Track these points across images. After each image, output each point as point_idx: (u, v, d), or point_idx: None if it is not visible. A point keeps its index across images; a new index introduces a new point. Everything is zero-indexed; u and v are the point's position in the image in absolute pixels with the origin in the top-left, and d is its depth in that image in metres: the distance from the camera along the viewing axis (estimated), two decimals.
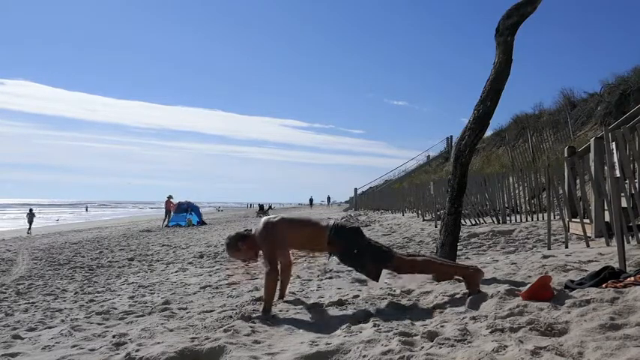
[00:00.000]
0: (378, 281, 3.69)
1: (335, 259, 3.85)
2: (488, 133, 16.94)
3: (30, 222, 22.66)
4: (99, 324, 3.92)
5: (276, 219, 3.78)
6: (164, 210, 23.37)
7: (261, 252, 3.74)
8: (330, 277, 5.22)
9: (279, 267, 3.67)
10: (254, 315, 3.42)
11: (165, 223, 22.06)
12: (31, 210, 24.14)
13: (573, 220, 6.74)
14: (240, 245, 3.78)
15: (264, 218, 3.84)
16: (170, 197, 23.54)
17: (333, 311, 3.55)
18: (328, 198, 62.11)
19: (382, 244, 3.81)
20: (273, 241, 3.66)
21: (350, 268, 4.38)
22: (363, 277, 4.22)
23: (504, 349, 2.20)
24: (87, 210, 70.60)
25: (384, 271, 3.76)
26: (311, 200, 58.28)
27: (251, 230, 3.84)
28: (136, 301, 4.98)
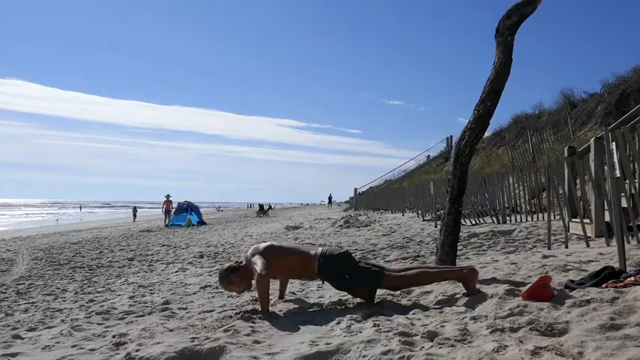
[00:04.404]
0: (373, 302, 3.66)
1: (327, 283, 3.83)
2: (488, 133, 16.95)
3: (134, 215, 32.55)
4: (99, 324, 3.92)
5: (264, 245, 3.78)
6: (163, 210, 23.34)
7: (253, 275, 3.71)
8: None
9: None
10: (254, 315, 3.42)
11: (166, 222, 22.06)
12: (135, 207, 35.48)
13: (573, 220, 6.74)
14: (233, 278, 3.75)
15: (253, 246, 3.84)
16: (168, 196, 23.51)
17: (333, 311, 3.55)
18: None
19: (373, 264, 3.81)
20: (263, 255, 3.63)
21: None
22: None
23: (504, 349, 2.20)
24: (81, 209, 70.52)
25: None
26: (330, 198, 55.74)
27: (242, 262, 3.82)
28: (136, 301, 4.98)
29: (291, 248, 3.95)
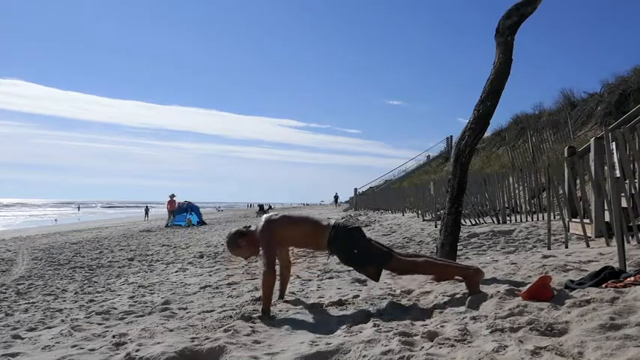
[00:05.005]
0: (377, 281, 3.69)
1: (335, 258, 3.84)
2: (488, 133, 16.95)
3: (146, 213, 34.09)
4: (99, 324, 3.92)
5: (277, 216, 3.79)
6: (167, 210, 23.30)
7: (260, 251, 3.73)
8: (330, 277, 5.21)
9: (276, 267, 3.67)
10: (254, 315, 3.42)
11: (167, 222, 22.05)
12: (147, 206, 36.99)
13: (573, 220, 6.74)
14: (241, 242, 3.77)
15: (266, 215, 3.84)
16: (173, 196, 23.45)
17: (333, 311, 3.55)
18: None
19: (383, 245, 3.80)
20: (273, 237, 3.65)
21: (350, 268, 4.37)
22: (363, 277, 4.22)
23: (504, 349, 2.20)
24: (79, 209, 70.43)
25: (385, 272, 3.76)
26: (336, 198, 53.56)
27: (250, 227, 3.84)
28: (136, 301, 4.98)
29: (303, 218, 3.93)
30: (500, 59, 4.36)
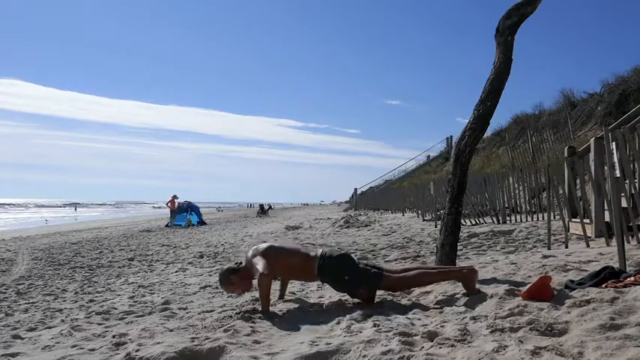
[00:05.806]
0: (373, 303, 3.68)
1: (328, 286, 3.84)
2: (488, 133, 16.96)
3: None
4: (99, 324, 3.92)
5: (263, 247, 3.79)
6: (168, 209, 23.30)
7: (254, 283, 3.72)
8: None
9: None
10: (254, 315, 3.43)
11: (168, 222, 22.04)
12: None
13: (573, 220, 6.74)
14: (233, 279, 3.77)
15: (252, 247, 3.86)
16: (175, 197, 23.44)
17: (333, 311, 3.55)
18: None
19: (373, 265, 3.82)
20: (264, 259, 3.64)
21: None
22: None
23: (504, 349, 2.20)
24: (76, 209, 70.09)
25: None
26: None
27: (241, 263, 3.85)
28: (136, 301, 4.98)
29: (291, 249, 3.96)
30: (500, 59, 4.36)
